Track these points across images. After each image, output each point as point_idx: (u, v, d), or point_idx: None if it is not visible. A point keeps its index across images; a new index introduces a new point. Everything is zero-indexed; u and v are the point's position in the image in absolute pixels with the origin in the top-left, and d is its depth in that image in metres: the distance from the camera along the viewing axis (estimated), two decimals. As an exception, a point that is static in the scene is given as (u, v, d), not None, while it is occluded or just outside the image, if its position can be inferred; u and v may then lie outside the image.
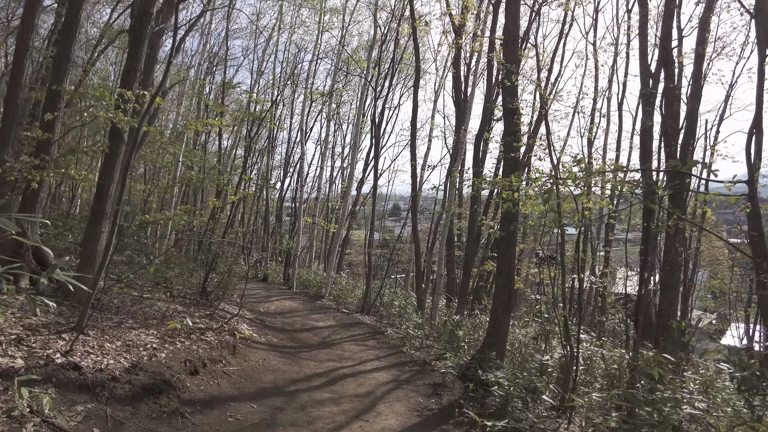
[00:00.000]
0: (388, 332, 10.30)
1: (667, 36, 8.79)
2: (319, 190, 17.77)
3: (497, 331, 7.10)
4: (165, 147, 11.97)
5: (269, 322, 10.07)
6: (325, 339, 9.67)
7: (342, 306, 14.18)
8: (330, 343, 9.34)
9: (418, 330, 10.13)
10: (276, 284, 17.36)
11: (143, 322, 6.20)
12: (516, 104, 7.18)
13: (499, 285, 7.19)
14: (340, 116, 22.60)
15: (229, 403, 5.03)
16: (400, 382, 6.99)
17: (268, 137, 17.80)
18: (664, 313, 9.38)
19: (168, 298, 8.28)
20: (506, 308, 7.12)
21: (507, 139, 6.95)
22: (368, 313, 13.56)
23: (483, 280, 11.05)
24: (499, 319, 7.10)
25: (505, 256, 7.18)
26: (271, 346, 8.05)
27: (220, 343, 6.51)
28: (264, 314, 10.94)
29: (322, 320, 11.56)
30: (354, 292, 16.01)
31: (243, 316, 9.65)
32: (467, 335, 8.41)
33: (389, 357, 8.59)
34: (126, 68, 6.41)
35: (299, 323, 10.88)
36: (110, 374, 4.21)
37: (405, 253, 19.36)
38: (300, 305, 13.35)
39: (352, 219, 19.63)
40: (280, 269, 19.46)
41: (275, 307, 12.36)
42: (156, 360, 4.93)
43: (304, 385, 6.28)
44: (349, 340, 9.86)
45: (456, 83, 14.73)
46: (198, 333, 6.49)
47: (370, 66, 14.91)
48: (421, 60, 14.54)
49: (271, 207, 25.22)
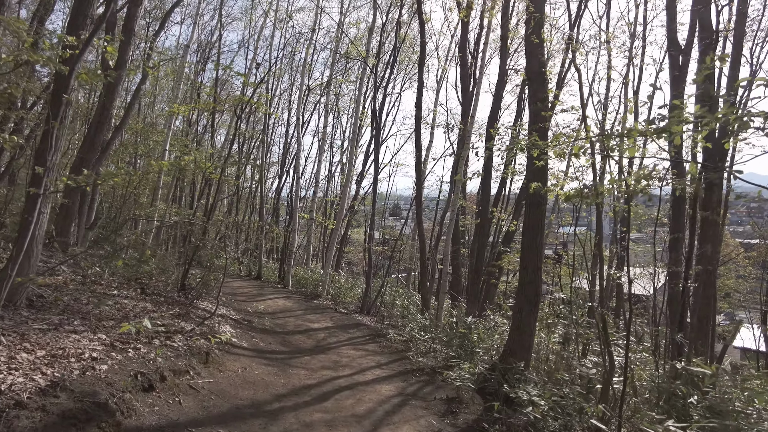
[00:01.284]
0: (390, 335, 9.08)
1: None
2: (316, 184, 16.61)
3: (521, 335, 5.89)
4: (145, 133, 10.78)
5: (257, 324, 8.84)
6: (320, 342, 8.45)
7: (340, 306, 12.97)
8: (325, 348, 8.13)
9: (424, 333, 8.92)
10: (271, 282, 16.11)
11: (95, 324, 4.98)
12: (544, 63, 6.00)
13: (524, 281, 5.98)
14: (339, 108, 21.45)
15: (189, 429, 3.81)
16: (407, 396, 5.77)
17: (263, 129, 16.58)
18: (702, 314, 8.20)
19: (138, 296, 7.06)
20: (533, 308, 5.91)
21: (535, 106, 5.75)
22: (368, 313, 12.34)
23: (494, 278, 9.92)
24: (523, 322, 5.90)
25: (531, 247, 5.97)
26: (256, 352, 6.83)
27: (190, 350, 5.29)
28: (253, 314, 9.71)
29: (318, 321, 10.34)
30: (353, 291, 14.79)
31: (228, 317, 8.43)
32: (482, 340, 7.19)
33: (392, 364, 7.37)
34: (73, 12, 5.18)
35: (292, 324, 9.66)
36: (14, 398, 3.00)
37: (406, 252, 18.16)
38: (295, 305, 12.12)
39: (351, 214, 18.41)
40: (276, 267, 18.22)
41: (267, 307, 11.12)
42: (92, 375, 3.70)
43: (291, 402, 5.06)
44: (347, 344, 8.64)
45: (463, 69, 13.57)
46: (163, 337, 5.27)
47: (370, 50, 13.73)
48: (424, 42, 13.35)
49: (268, 204, 24.00)
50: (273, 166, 27.22)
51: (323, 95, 18.94)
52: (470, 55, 12.11)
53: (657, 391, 5.14)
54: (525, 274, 5.97)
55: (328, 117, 18.56)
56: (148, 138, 11.37)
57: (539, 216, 5.99)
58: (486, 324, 8.49)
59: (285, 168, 20.41)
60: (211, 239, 8.23)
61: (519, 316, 5.95)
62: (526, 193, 6.00)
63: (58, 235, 9.00)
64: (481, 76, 12.35)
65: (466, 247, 15.38)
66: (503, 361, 5.76)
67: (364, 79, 14.22)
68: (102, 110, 9.31)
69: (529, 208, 6.02)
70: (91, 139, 9.29)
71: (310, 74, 18.19)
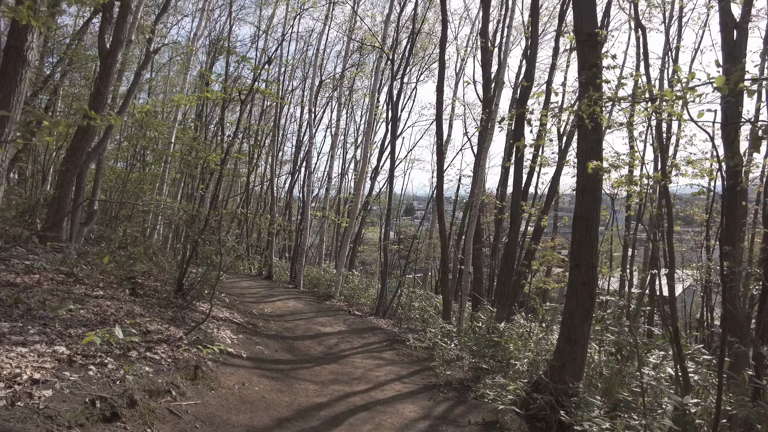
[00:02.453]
0: (409, 341, 8.05)
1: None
2: (329, 181, 15.65)
3: (573, 346, 4.81)
4: (147, 124, 9.91)
5: (263, 328, 7.88)
6: (331, 349, 7.46)
7: (354, 307, 11.97)
8: (337, 355, 7.13)
9: (447, 339, 7.87)
10: (282, 282, 15.18)
11: (59, 333, 4.03)
12: (596, 21, 4.94)
13: (576, 281, 4.90)
14: (352, 103, 20.47)
15: (157, 476, 2.83)
16: (436, 419, 4.73)
17: (274, 121, 15.64)
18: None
19: (127, 297, 6.13)
20: (586, 314, 4.83)
21: (587, 72, 4.67)
22: (384, 315, 11.33)
23: (524, 278, 8.86)
24: (575, 330, 4.82)
25: (584, 241, 4.89)
26: (257, 362, 5.85)
27: (176, 363, 4.33)
28: (258, 317, 8.76)
29: (330, 324, 9.36)
30: (367, 292, 13.79)
31: (230, 320, 7.47)
32: (518, 349, 6.12)
33: (415, 376, 6.34)
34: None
35: (302, 328, 8.68)
36: None
37: (423, 251, 17.10)
38: (305, 306, 11.15)
39: (365, 211, 17.41)
40: (288, 267, 17.28)
41: (275, 309, 10.18)
42: (26, 405, 2.74)
43: (296, 429, 4.06)
44: (362, 351, 7.63)
45: (484, 55, 12.51)
46: (142, 348, 4.31)
47: (386, 38, 12.75)
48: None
49: (280, 203, 23.14)
50: (286, 165, 26.39)
51: (336, 89, 17.97)
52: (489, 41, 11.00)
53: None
54: (577, 273, 4.89)
55: (342, 112, 17.57)
56: (150, 129, 10.51)
57: (593, 203, 4.91)
58: (516, 329, 7.41)
59: (297, 166, 19.50)
60: (212, 234, 7.28)
61: (569, 323, 4.87)
62: (581, 177, 4.92)
63: (47, 229, 8.15)
64: (505, 57, 11.27)
65: (486, 246, 14.28)
66: (552, 378, 4.69)
67: (380, 68, 13.22)
68: (97, 94, 8.44)
69: (582, 195, 4.94)
70: (84, 126, 8.43)
71: (323, 67, 17.29)
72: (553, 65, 12.70)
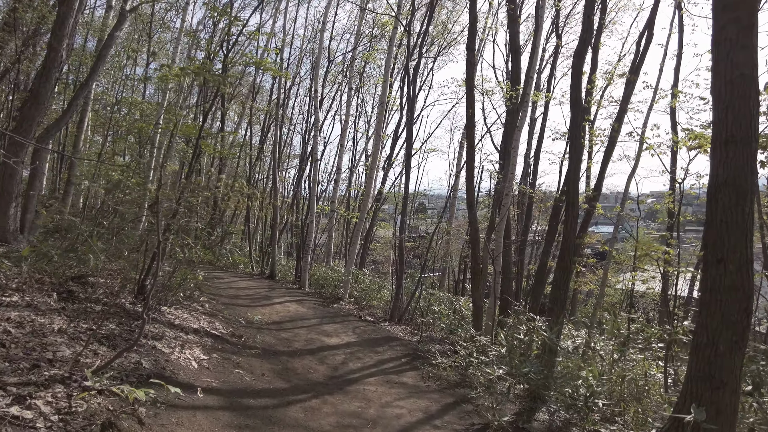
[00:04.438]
0: (436, 358, 6.20)
1: None
2: (338, 172, 13.87)
3: (716, 389, 2.92)
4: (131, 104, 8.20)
5: (250, 340, 6.07)
6: (336, 370, 5.63)
7: (365, 311, 10.15)
8: (344, 380, 5.30)
9: (483, 356, 5.99)
10: (285, 282, 13.40)
11: None
12: None
13: (718, 285, 3.01)
14: (362, 92, 18.63)
15: None
16: None
17: (277, 103, 13.85)
18: None
19: (53, 304, 4.36)
20: (740, 340, 2.94)
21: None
22: (400, 321, 9.49)
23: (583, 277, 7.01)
24: (719, 366, 2.93)
25: (732, 221, 3.01)
26: (230, 398, 4.02)
27: (66, 424, 2.51)
28: (248, 326, 6.95)
29: (337, 334, 7.54)
30: (380, 294, 11.95)
31: (206, 332, 5.67)
32: (597, 379, 4.22)
33: (449, 414, 4.48)
34: None
35: (302, 339, 6.87)
36: None
37: (441, 249, 15.21)
38: (309, 310, 9.35)
39: (377, 202, 15.55)
40: (294, 265, 15.48)
41: (273, 314, 8.39)
42: None
43: None
44: (376, 372, 5.79)
45: (512, 26, 10.59)
46: (9, 398, 2.50)
47: (402, 2, 10.92)
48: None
49: (287, 195, 21.39)
50: (294, 159, 24.59)
51: (346, 73, 16.17)
52: None
53: None
54: (720, 272, 3.00)
55: (352, 99, 15.78)
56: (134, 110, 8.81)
57: (746, 161, 3.02)
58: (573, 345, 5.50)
59: (305, 156, 17.73)
60: (187, 219, 5.49)
61: (711, 351, 2.98)
62: (725, 120, 3.03)
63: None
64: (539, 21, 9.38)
65: (514, 243, 12.37)
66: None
67: (394, 40, 11.38)
68: (50, 52, 6.72)
69: (726, 149, 3.04)
70: (35, 91, 6.71)
71: (330, 46, 15.44)
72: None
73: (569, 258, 5.71)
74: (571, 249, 5.72)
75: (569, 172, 5.91)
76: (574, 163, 5.94)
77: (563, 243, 5.72)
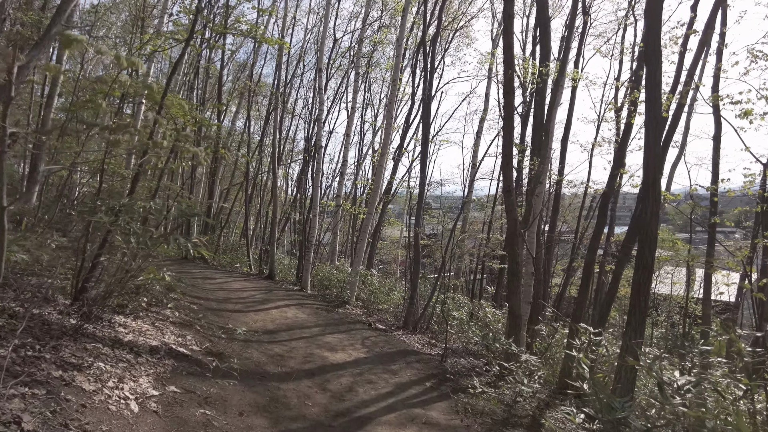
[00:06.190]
0: (473, 385, 4.70)
1: None
2: (344, 163, 12.42)
3: None
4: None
5: (232, 359, 4.58)
6: (342, 401, 4.15)
7: (374, 317, 8.68)
8: (353, 417, 3.83)
9: (537, 386, 4.49)
10: (286, 283, 11.92)
11: None
12: None
13: None
14: (369, 80, 17.15)
15: None
16: None
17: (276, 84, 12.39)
18: None
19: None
20: None
21: None
22: (415, 329, 8.00)
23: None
24: None
25: None
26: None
27: None
28: (232, 339, 5.47)
29: (343, 347, 6.07)
30: (390, 296, 10.45)
31: (170, 351, 4.20)
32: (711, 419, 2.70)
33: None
34: None
35: (299, 355, 5.39)
36: None
37: (459, 248, 13.70)
38: (310, 317, 7.87)
39: (387, 199, 14.06)
40: (296, 264, 14.00)
41: (266, 321, 6.92)
42: None
43: None
44: (396, 405, 4.30)
45: None
46: None
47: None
48: None
49: (290, 188, 19.94)
50: (297, 155, 23.16)
51: (353, 59, 14.73)
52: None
53: None
54: None
55: (359, 86, 14.32)
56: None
57: None
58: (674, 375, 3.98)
59: (308, 149, 16.30)
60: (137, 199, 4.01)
61: None
62: None
63: None
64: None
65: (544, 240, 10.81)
66: None
67: (407, 9, 9.90)
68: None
69: None
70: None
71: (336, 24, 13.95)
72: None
73: (649, 256, 4.21)
74: (652, 241, 4.21)
75: (647, 147, 4.38)
76: (653, 132, 4.42)
77: (644, 233, 4.20)
